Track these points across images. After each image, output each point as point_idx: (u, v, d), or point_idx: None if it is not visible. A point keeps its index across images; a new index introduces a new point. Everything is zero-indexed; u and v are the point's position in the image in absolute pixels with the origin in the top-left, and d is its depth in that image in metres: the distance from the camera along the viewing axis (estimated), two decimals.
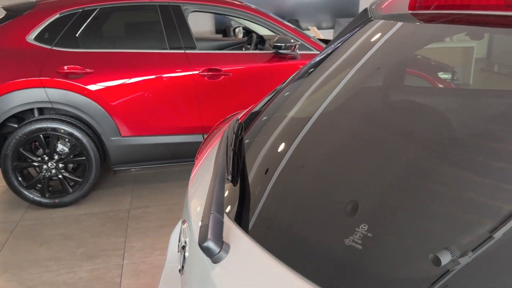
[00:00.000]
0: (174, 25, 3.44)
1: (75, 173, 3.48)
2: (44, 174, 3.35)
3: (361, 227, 0.66)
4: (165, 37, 3.43)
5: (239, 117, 1.34)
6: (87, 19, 3.31)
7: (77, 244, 2.97)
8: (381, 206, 0.74)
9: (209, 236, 0.73)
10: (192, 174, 1.18)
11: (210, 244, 0.73)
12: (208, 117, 3.52)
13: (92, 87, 3.26)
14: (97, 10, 3.34)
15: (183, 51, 3.43)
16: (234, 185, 0.92)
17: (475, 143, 0.83)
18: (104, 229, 3.18)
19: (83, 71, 3.23)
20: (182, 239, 0.97)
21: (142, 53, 3.40)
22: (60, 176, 3.38)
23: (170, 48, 3.44)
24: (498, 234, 0.58)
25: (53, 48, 3.24)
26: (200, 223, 0.77)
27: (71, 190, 3.44)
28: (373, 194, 0.78)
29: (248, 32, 4.84)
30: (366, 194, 0.79)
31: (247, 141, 1.11)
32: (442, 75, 1.76)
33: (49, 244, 2.98)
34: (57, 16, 3.28)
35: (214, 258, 0.75)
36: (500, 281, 0.55)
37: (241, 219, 0.82)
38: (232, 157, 0.96)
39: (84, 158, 3.38)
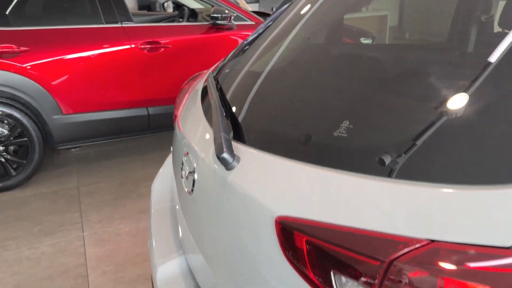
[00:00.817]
0: None
1: (17, 155, 3.42)
2: None
3: (337, 120, 0.89)
4: (100, 11, 3.42)
5: (211, 70, 1.54)
6: None
7: (31, 223, 2.97)
8: (346, 108, 0.99)
9: (224, 149, 0.93)
10: (179, 122, 1.35)
11: (226, 155, 0.93)
12: (151, 90, 3.59)
13: (29, 66, 3.19)
14: None
15: (119, 25, 3.46)
16: (227, 119, 1.12)
17: (400, 77, 1.10)
18: (57, 207, 3.19)
19: (18, 49, 3.15)
20: (187, 167, 1.15)
21: (77, 28, 3.37)
22: (1, 159, 3.31)
23: (106, 23, 3.44)
24: (421, 140, 0.81)
25: None
26: (214, 142, 0.97)
27: (14, 173, 3.38)
28: (337, 99, 1.03)
29: (178, 6, 4.89)
30: (330, 99, 1.04)
31: (224, 86, 1.31)
32: (364, 40, 2.09)
33: (2, 226, 2.94)
34: None
35: (229, 166, 0.94)
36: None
37: (239, 137, 1.03)
38: (220, 99, 1.16)
39: (26, 139, 3.33)
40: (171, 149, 1.59)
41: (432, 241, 0.62)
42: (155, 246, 1.36)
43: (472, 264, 0.59)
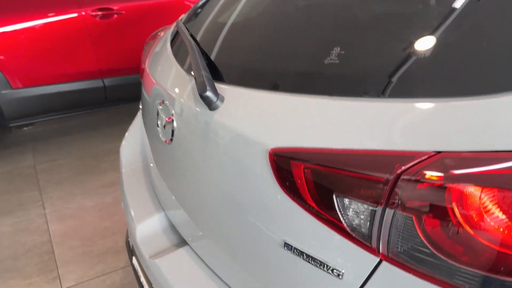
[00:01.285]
0: None
1: None
2: None
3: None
4: None
5: (179, 19, 1.46)
6: None
7: None
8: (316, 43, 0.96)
9: (207, 87, 0.88)
10: (149, 73, 1.27)
11: (209, 93, 0.87)
12: (105, 60, 3.42)
13: None
14: None
15: None
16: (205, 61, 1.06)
17: (364, 18, 1.08)
18: (13, 186, 3.02)
19: None
20: (163, 117, 1.08)
21: None
22: None
23: None
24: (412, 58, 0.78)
25: None
26: (196, 80, 0.91)
27: None
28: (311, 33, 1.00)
29: None
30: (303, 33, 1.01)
31: (193, 32, 1.25)
32: None
33: None
34: None
35: (212, 105, 0.89)
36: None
37: (219, 77, 0.97)
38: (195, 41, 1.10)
39: None
40: (140, 106, 1.51)
41: (439, 152, 0.61)
42: (131, 207, 1.30)
43: (480, 169, 0.58)
